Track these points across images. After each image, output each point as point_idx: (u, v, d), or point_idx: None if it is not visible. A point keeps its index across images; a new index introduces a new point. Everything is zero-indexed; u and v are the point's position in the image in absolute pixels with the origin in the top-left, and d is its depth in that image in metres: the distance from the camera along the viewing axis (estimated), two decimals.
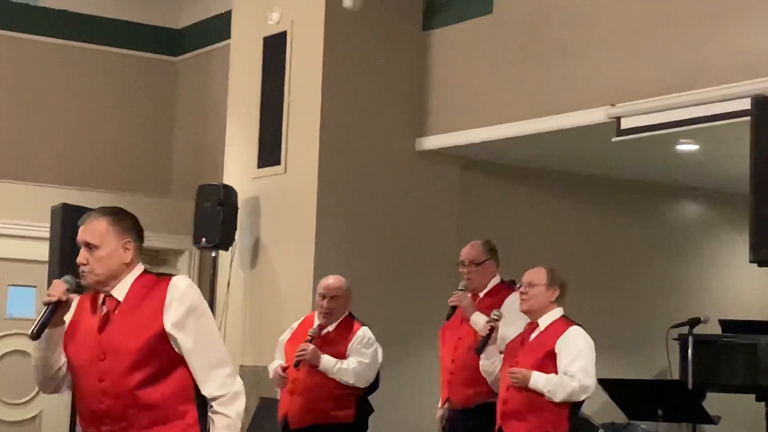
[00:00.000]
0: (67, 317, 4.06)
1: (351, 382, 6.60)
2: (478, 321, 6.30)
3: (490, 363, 5.87)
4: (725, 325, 9.00)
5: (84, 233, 3.97)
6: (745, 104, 6.01)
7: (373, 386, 6.80)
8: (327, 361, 6.57)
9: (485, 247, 6.59)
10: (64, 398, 7.79)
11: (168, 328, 3.89)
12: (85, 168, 10.58)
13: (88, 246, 3.95)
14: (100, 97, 10.81)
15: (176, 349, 3.92)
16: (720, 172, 9.11)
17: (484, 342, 5.82)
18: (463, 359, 6.38)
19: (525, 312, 5.79)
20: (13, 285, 9.85)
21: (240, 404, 3.93)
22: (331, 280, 6.80)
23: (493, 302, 6.39)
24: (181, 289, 3.94)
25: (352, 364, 6.59)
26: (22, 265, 9.71)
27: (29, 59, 10.57)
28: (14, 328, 9.79)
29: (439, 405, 6.60)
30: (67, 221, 7.62)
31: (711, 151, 8.24)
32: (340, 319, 6.75)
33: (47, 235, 7.89)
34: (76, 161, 10.58)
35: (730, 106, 6.65)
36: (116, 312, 3.96)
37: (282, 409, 6.73)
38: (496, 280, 6.57)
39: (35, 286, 9.69)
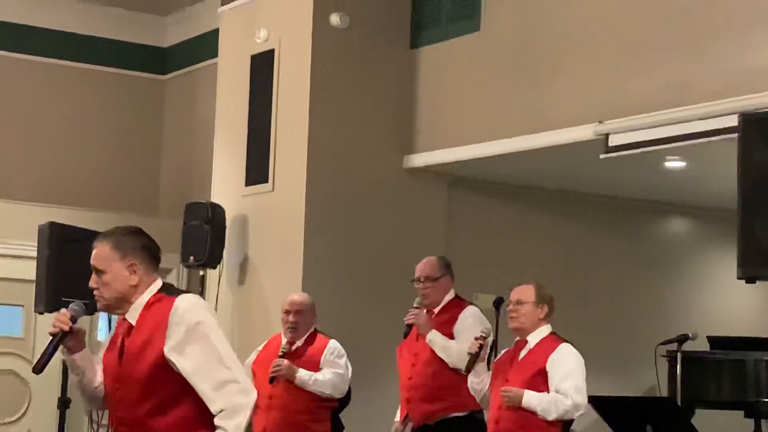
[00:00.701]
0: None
1: (328, 393, 6.65)
2: (434, 339, 6.38)
3: (478, 381, 5.84)
4: (713, 341, 9.00)
5: (92, 258, 3.97)
6: (733, 121, 6.02)
7: (346, 400, 6.86)
8: (303, 374, 6.62)
9: (440, 262, 6.65)
10: (53, 417, 7.76)
11: (167, 353, 3.84)
12: (72, 186, 10.56)
13: (96, 270, 3.95)
14: (88, 116, 10.80)
15: (181, 374, 3.86)
16: (707, 188, 9.12)
17: (472, 359, 5.79)
18: (420, 376, 6.44)
19: (515, 330, 5.77)
20: (1, 304, 9.82)
21: (241, 418, 3.85)
22: (296, 296, 6.91)
23: (448, 318, 6.48)
24: (180, 312, 3.88)
25: (328, 375, 6.65)
26: (9, 284, 9.68)
27: (16, 78, 10.55)
28: (1, 347, 9.75)
29: (397, 419, 6.64)
30: (54, 240, 7.60)
31: (698, 167, 8.26)
32: (307, 334, 6.81)
33: (34, 254, 7.86)
34: (63, 180, 10.56)
35: (718, 123, 6.66)
36: (129, 338, 3.94)
37: (258, 427, 6.73)
38: (450, 296, 6.63)
39: (22, 305, 9.66)
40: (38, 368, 3.94)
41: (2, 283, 9.72)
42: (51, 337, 3.94)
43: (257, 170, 8.78)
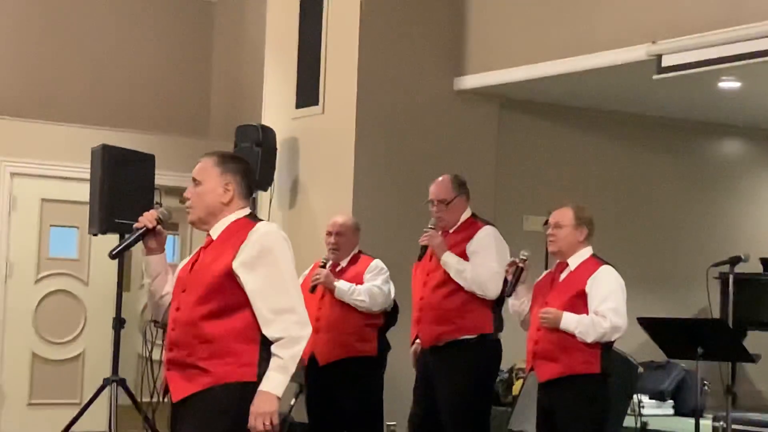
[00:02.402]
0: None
1: (366, 301, 6.65)
2: (449, 261, 6.25)
3: (519, 303, 5.84)
4: (766, 262, 8.97)
5: (194, 170, 4.22)
6: None
7: (392, 320, 6.89)
8: (342, 284, 6.71)
9: (454, 182, 6.43)
10: (108, 338, 7.87)
11: (235, 266, 4.04)
12: (124, 109, 10.61)
13: (194, 181, 4.19)
14: (140, 38, 10.81)
15: (244, 289, 4.06)
16: (762, 108, 9.02)
17: (513, 283, 5.78)
18: (431, 297, 6.33)
19: (554, 253, 5.75)
20: (56, 225, 9.94)
21: (297, 349, 4.09)
22: (338, 218, 6.97)
23: (463, 237, 6.33)
24: (259, 232, 4.12)
25: (366, 286, 6.69)
26: (64, 205, 9.79)
27: (68, 1, 10.56)
28: (57, 268, 9.89)
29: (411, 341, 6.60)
30: (107, 162, 7.65)
31: (753, 88, 8.16)
32: (350, 255, 6.89)
33: (88, 176, 7.92)
34: (115, 102, 10.61)
35: None
36: (205, 250, 4.19)
37: (306, 349, 6.77)
38: (467, 215, 6.44)
39: (77, 227, 9.78)
40: (113, 254, 4.28)
41: (58, 205, 9.84)
42: (134, 230, 4.23)
43: (307, 93, 8.77)
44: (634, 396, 7.36)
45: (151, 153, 7.91)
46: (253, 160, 8.55)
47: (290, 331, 4.06)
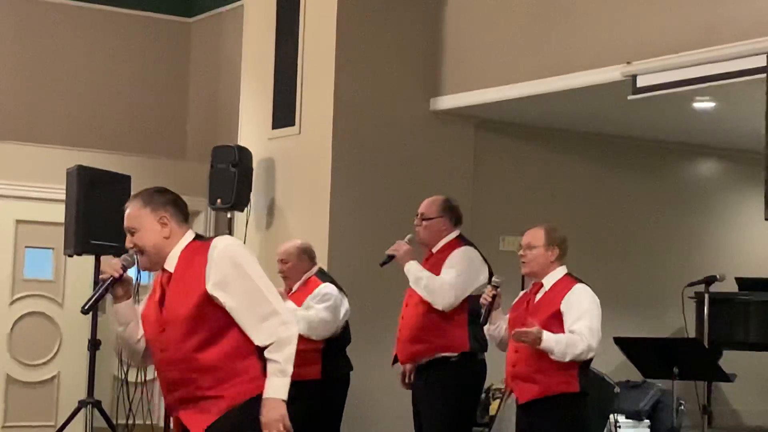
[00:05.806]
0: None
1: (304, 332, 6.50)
2: (410, 269, 6.18)
3: (494, 327, 5.83)
4: (742, 282, 9.00)
5: (125, 220, 4.16)
6: (761, 61, 5.97)
7: (343, 340, 6.79)
8: None
9: (442, 204, 6.35)
10: (83, 360, 7.84)
11: (210, 289, 4.03)
12: (100, 130, 10.59)
13: (130, 231, 4.15)
14: (115, 59, 10.81)
15: (224, 309, 4.05)
16: (736, 129, 9.07)
17: (487, 311, 5.76)
18: (410, 317, 6.25)
19: (527, 275, 5.73)
20: (31, 247, 9.89)
21: (290, 349, 4.07)
22: (283, 245, 6.91)
23: (443, 257, 6.25)
24: (219, 249, 4.08)
25: (304, 314, 6.55)
26: (39, 227, 9.74)
27: (44, 21, 10.55)
28: (32, 290, 9.84)
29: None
30: (82, 183, 7.64)
31: (727, 108, 8.21)
32: (303, 279, 6.81)
33: (63, 197, 7.90)
34: (91, 123, 10.59)
35: (746, 63, 6.60)
36: (169, 285, 4.13)
37: None
38: (449, 237, 6.33)
39: (53, 248, 9.73)
40: (86, 309, 4.17)
41: (33, 226, 9.78)
42: (101, 282, 4.15)
43: (284, 113, 8.78)
44: (611, 416, 7.37)
45: (127, 174, 7.90)
46: (229, 181, 8.55)
47: (278, 333, 4.06)
